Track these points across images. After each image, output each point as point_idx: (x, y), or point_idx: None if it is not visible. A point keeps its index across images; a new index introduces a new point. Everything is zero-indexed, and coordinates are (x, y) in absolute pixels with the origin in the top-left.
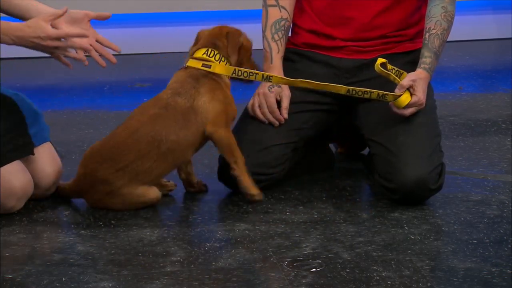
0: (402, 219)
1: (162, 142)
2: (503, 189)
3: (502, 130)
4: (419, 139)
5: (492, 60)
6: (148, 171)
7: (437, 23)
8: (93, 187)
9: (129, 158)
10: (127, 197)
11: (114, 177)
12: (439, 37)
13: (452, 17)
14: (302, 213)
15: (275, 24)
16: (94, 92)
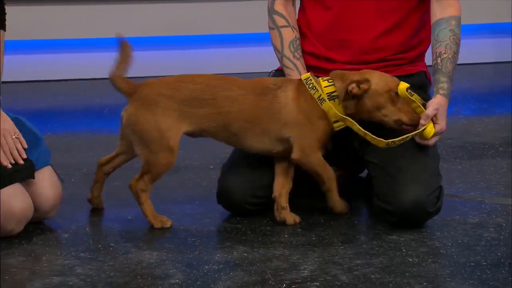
0: (400, 241)
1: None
2: (501, 212)
3: (499, 153)
4: (418, 162)
5: (489, 83)
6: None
7: (447, 47)
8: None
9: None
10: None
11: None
12: (451, 60)
13: (459, 39)
14: (301, 235)
15: (292, 43)
16: (94, 115)
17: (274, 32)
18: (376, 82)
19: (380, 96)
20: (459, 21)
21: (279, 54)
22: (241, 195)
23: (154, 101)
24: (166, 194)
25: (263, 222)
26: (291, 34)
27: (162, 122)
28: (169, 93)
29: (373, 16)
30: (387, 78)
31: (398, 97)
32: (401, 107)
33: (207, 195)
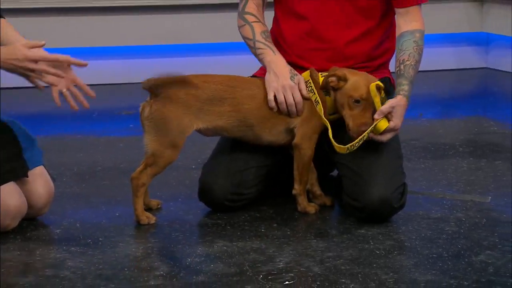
0: (368, 235)
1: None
2: (461, 208)
3: (460, 153)
4: (383, 161)
5: (450, 89)
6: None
7: (410, 55)
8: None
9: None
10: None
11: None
12: (413, 67)
13: (422, 51)
14: (276, 230)
15: (263, 33)
16: (84, 119)
17: (245, 27)
18: (351, 83)
19: (345, 97)
20: (423, 34)
21: (251, 41)
22: (221, 193)
23: (181, 99)
24: (152, 192)
25: (241, 217)
26: (262, 27)
27: (184, 120)
28: (194, 92)
29: (342, 27)
30: (359, 85)
31: (356, 104)
32: (356, 114)
33: (189, 193)
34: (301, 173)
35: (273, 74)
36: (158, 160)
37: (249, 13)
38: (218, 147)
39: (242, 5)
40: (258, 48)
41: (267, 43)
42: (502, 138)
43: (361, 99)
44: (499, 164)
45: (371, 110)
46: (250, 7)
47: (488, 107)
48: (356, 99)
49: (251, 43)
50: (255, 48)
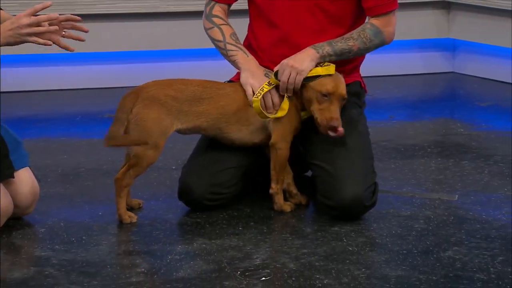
0: (341, 232)
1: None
2: (429, 206)
3: (428, 153)
4: (355, 162)
5: (419, 92)
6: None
7: (349, 34)
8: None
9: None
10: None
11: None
12: (343, 41)
13: (366, 38)
14: (253, 228)
15: (233, 35)
16: (67, 122)
17: (213, 30)
18: (317, 79)
19: (313, 93)
20: (378, 30)
21: (221, 43)
22: (200, 193)
23: (162, 101)
24: (133, 192)
25: (220, 216)
26: (231, 29)
27: (165, 121)
28: (174, 94)
29: (314, 34)
30: (325, 80)
31: (324, 99)
32: (323, 108)
33: (169, 193)
34: (278, 173)
35: (248, 72)
36: (140, 161)
37: (216, 16)
38: (197, 148)
39: (209, 8)
40: (229, 50)
41: (238, 46)
42: (468, 139)
43: (328, 93)
44: (465, 164)
45: (339, 104)
46: (217, 10)
47: (455, 109)
48: (324, 94)
49: (222, 45)
50: (226, 50)
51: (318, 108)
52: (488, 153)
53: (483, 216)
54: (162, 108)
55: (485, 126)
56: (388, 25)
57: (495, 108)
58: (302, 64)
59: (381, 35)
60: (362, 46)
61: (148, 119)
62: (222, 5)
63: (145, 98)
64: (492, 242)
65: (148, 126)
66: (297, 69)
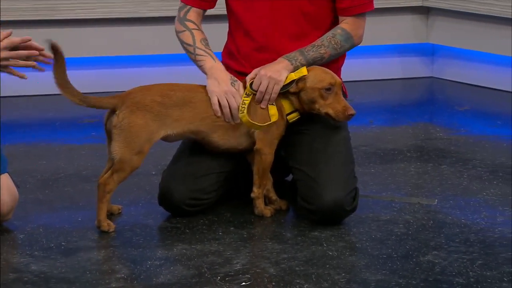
0: (321, 237)
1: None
2: (409, 210)
3: (407, 158)
4: (336, 166)
5: (398, 97)
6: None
7: (319, 40)
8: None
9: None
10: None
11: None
12: (315, 49)
13: (337, 44)
14: (233, 233)
15: (203, 40)
16: (47, 127)
17: (184, 33)
18: (311, 80)
19: (313, 92)
20: (348, 34)
21: (191, 47)
22: (180, 198)
23: (148, 107)
24: (113, 197)
25: (200, 221)
26: (202, 34)
27: (151, 126)
28: (160, 99)
29: (294, 38)
30: (321, 76)
31: (328, 93)
32: (331, 102)
33: (149, 198)
34: (261, 177)
35: (214, 79)
36: (124, 166)
37: (190, 20)
38: (178, 153)
39: (184, 12)
40: (198, 55)
41: (207, 51)
42: (447, 143)
43: (331, 86)
44: (444, 168)
45: (341, 92)
46: (191, 15)
47: (434, 114)
48: (327, 88)
49: (191, 49)
50: (195, 54)
51: (325, 104)
52: (466, 158)
53: (462, 220)
54: (148, 113)
55: (463, 131)
56: (358, 28)
57: (473, 112)
58: (279, 74)
59: (352, 39)
60: (333, 52)
61: (135, 125)
62: (197, 10)
63: (131, 104)
64: (471, 246)
65: (134, 132)
66: (275, 80)
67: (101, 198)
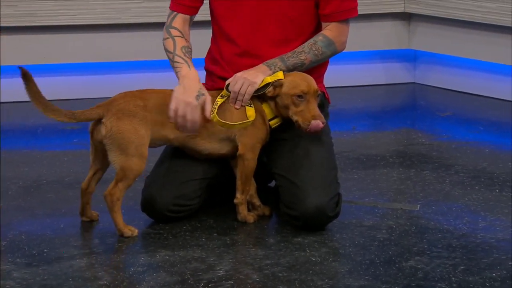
0: (304, 243)
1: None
2: (391, 216)
3: (390, 163)
4: (318, 172)
5: (381, 103)
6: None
7: (301, 47)
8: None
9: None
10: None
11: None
12: (295, 56)
13: (318, 50)
14: (216, 239)
15: (184, 48)
16: (29, 134)
17: (168, 40)
18: (286, 85)
19: (286, 98)
20: (329, 41)
21: (171, 55)
22: (163, 204)
23: (133, 112)
24: (95, 204)
25: (183, 228)
26: (184, 42)
27: (141, 130)
28: (143, 104)
29: (275, 45)
30: (296, 82)
31: (300, 100)
32: (302, 109)
33: (132, 204)
34: (244, 183)
35: (182, 87)
36: (127, 174)
37: (175, 27)
38: (161, 159)
39: (170, 19)
40: (175, 62)
41: (185, 58)
42: (429, 149)
43: (303, 94)
44: (426, 173)
45: (316, 101)
46: (177, 22)
47: (416, 120)
48: (299, 95)
49: (171, 56)
50: (173, 61)
51: (296, 111)
52: (449, 163)
53: (444, 226)
54: (134, 118)
55: (445, 136)
56: (340, 35)
57: (455, 118)
58: (255, 76)
59: (333, 46)
60: (314, 58)
61: (124, 130)
62: (184, 15)
63: (116, 111)
64: (453, 252)
65: (126, 137)
66: (250, 81)
67: (112, 208)
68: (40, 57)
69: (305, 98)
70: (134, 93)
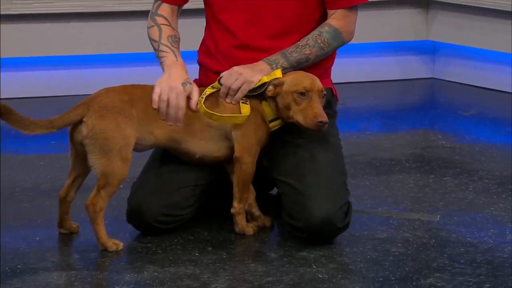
0: (310, 258)
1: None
2: (408, 227)
3: (406, 168)
4: (326, 178)
5: (395, 100)
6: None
7: (304, 40)
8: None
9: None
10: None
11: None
12: (299, 50)
13: (324, 43)
14: (211, 253)
15: (171, 37)
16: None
17: (153, 29)
18: (288, 84)
19: (287, 96)
20: (336, 32)
21: (156, 44)
22: (152, 214)
23: (118, 108)
24: (76, 213)
25: (173, 241)
26: (171, 31)
27: (126, 129)
28: (128, 98)
29: (275, 37)
30: (298, 79)
31: (302, 98)
32: (304, 107)
33: (117, 215)
34: (241, 190)
35: (167, 74)
36: (109, 180)
37: (161, 15)
38: (149, 163)
39: (156, 6)
40: (161, 51)
41: (172, 48)
42: (451, 152)
43: (305, 91)
44: (447, 180)
45: (320, 100)
46: (164, 10)
47: (435, 119)
48: (301, 92)
49: (156, 45)
50: (158, 50)
51: (298, 109)
52: (472, 168)
53: (467, 239)
54: (119, 116)
55: (468, 138)
56: (348, 24)
57: (479, 117)
58: (252, 75)
59: (340, 37)
60: (320, 52)
61: (107, 129)
62: (170, 5)
63: (99, 108)
64: (477, 268)
65: (109, 138)
66: (246, 78)
67: (94, 220)
68: (12, 49)
69: (307, 96)
70: (118, 89)
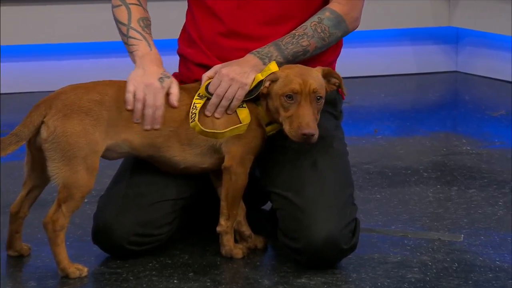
0: (310, 285)
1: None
2: (426, 248)
3: (424, 179)
4: (329, 190)
5: (411, 98)
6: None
7: (302, 28)
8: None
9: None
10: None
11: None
12: (295, 41)
13: (325, 32)
14: (193, 280)
15: (142, 20)
16: None
17: (120, 8)
18: (280, 81)
19: (276, 99)
20: (338, 17)
21: (124, 27)
22: (123, 233)
23: (86, 108)
24: (30, 233)
25: (148, 265)
26: (143, 12)
27: (93, 133)
28: (99, 98)
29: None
30: (290, 78)
31: (290, 101)
32: (291, 114)
33: (80, 234)
34: (230, 205)
35: (141, 69)
36: (72, 192)
37: None
38: (120, 173)
39: None
40: (131, 37)
41: (144, 34)
42: (477, 160)
43: (293, 93)
44: (473, 193)
45: (311, 104)
46: None
47: (459, 121)
48: (288, 95)
49: (124, 29)
50: (127, 36)
51: (285, 115)
52: (502, 179)
53: (496, 262)
54: (86, 117)
55: (498, 143)
56: (352, 8)
57: (511, 118)
58: (245, 76)
59: (343, 24)
60: (320, 43)
61: (71, 133)
62: None
63: (63, 107)
64: None
65: (73, 142)
66: (239, 82)
67: (54, 240)
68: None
69: (295, 100)
70: (88, 85)
